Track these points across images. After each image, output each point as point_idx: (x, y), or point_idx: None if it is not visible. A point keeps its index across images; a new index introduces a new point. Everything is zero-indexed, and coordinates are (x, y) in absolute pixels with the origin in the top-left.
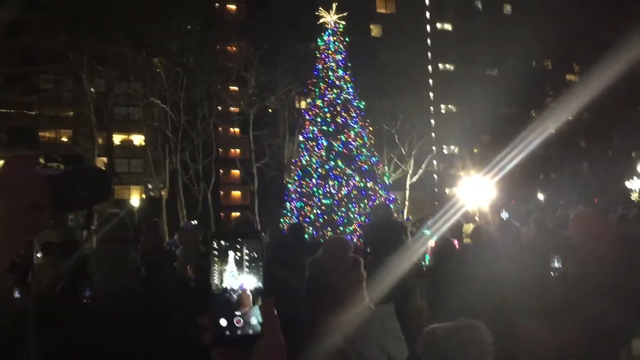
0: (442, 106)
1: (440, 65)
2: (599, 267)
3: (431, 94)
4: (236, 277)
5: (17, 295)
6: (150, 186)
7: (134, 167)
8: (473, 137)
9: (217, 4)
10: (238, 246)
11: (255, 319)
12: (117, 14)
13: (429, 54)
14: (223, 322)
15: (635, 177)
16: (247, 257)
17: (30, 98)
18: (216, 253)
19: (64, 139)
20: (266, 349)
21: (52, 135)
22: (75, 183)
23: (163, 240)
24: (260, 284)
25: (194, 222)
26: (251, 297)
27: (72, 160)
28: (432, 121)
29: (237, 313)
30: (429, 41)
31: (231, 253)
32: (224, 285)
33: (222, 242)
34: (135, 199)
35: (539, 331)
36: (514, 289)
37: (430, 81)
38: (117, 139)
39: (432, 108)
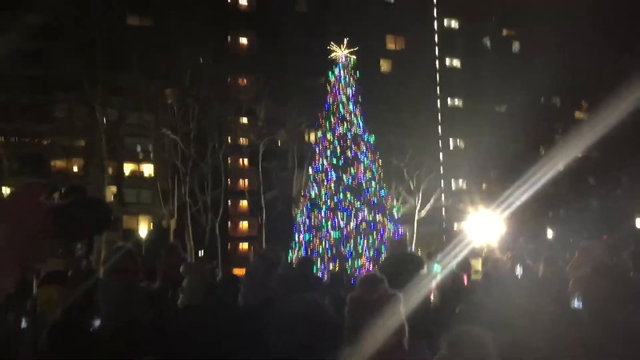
0: (451, 141)
1: (449, 101)
2: (607, 303)
3: (440, 129)
4: None
5: (24, 324)
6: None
7: (143, 197)
8: (481, 172)
9: (229, 38)
10: None
11: None
12: (132, 46)
13: (438, 90)
14: None
15: None
16: None
17: (43, 127)
18: None
19: (75, 168)
20: None
21: (63, 164)
22: (78, 213)
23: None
24: None
25: (201, 252)
26: None
27: (75, 192)
28: (441, 156)
29: None
30: (438, 77)
31: None
32: None
33: None
34: (143, 229)
35: None
36: (530, 328)
37: (439, 116)
38: (127, 169)
39: (440, 143)
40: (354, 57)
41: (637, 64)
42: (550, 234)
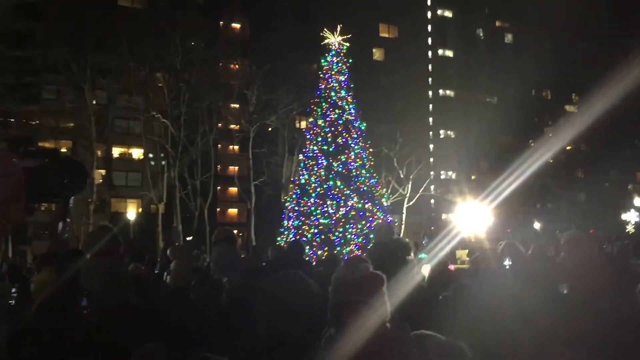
0: (441, 131)
1: (441, 91)
2: (595, 294)
3: (430, 119)
4: None
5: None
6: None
7: (131, 180)
8: (470, 163)
9: (221, 22)
10: None
11: None
12: (122, 28)
13: (430, 80)
14: None
15: (631, 210)
16: None
17: (31, 108)
18: None
19: (63, 150)
20: None
21: (52, 145)
22: (51, 175)
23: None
24: None
25: (189, 238)
26: None
27: (48, 153)
28: (431, 146)
29: None
30: (430, 67)
31: None
32: None
33: None
34: (131, 213)
35: (560, 356)
36: (523, 314)
37: (430, 106)
38: (116, 151)
39: (431, 133)
40: (347, 44)
41: (628, 58)
42: (537, 225)
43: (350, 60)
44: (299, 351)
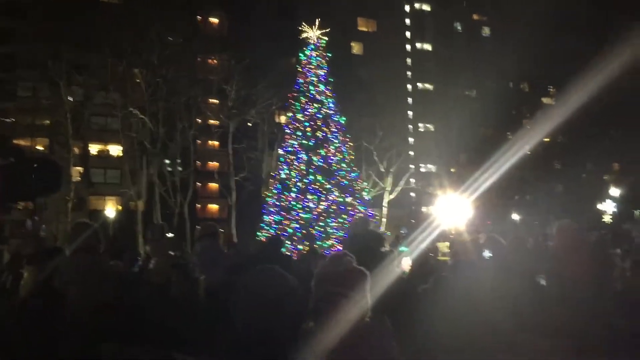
0: (421, 125)
1: (420, 85)
2: (578, 283)
3: (410, 113)
4: None
5: None
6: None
7: (110, 177)
8: (450, 156)
9: (199, 17)
10: None
11: None
12: (99, 23)
13: (409, 73)
14: None
15: (607, 200)
16: None
17: (6, 105)
18: None
19: (40, 147)
20: None
21: (27, 143)
22: (22, 174)
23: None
24: None
25: (170, 235)
26: None
27: (14, 152)
28: (411, 139)
29: None
30: (409, 60)
31: None
32: None
33: None
34: (110, 210)
35: (537, 346)
36: (502, 305)
37: (410, 100)
38: (94, 148)
39: (410, 126)
40: (326, 38)
41: (604, 50)
42: (516, 217)
43: (329, 54)
44: (279, 346)
